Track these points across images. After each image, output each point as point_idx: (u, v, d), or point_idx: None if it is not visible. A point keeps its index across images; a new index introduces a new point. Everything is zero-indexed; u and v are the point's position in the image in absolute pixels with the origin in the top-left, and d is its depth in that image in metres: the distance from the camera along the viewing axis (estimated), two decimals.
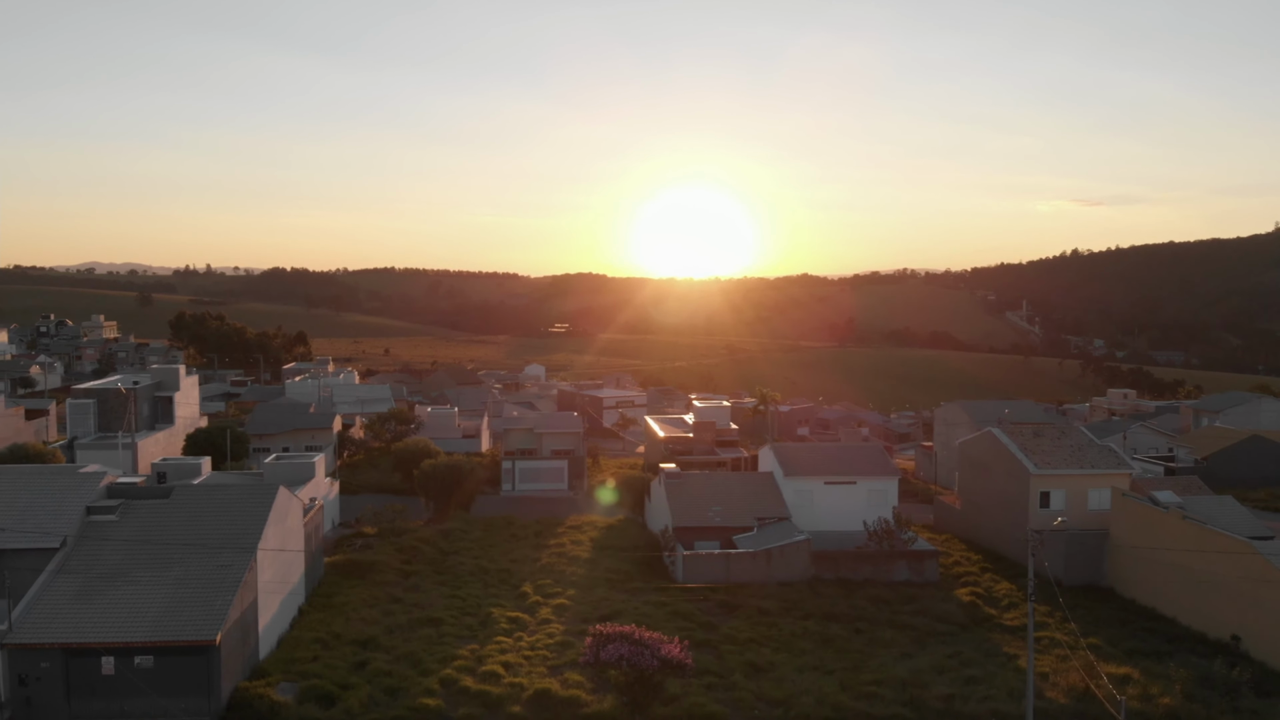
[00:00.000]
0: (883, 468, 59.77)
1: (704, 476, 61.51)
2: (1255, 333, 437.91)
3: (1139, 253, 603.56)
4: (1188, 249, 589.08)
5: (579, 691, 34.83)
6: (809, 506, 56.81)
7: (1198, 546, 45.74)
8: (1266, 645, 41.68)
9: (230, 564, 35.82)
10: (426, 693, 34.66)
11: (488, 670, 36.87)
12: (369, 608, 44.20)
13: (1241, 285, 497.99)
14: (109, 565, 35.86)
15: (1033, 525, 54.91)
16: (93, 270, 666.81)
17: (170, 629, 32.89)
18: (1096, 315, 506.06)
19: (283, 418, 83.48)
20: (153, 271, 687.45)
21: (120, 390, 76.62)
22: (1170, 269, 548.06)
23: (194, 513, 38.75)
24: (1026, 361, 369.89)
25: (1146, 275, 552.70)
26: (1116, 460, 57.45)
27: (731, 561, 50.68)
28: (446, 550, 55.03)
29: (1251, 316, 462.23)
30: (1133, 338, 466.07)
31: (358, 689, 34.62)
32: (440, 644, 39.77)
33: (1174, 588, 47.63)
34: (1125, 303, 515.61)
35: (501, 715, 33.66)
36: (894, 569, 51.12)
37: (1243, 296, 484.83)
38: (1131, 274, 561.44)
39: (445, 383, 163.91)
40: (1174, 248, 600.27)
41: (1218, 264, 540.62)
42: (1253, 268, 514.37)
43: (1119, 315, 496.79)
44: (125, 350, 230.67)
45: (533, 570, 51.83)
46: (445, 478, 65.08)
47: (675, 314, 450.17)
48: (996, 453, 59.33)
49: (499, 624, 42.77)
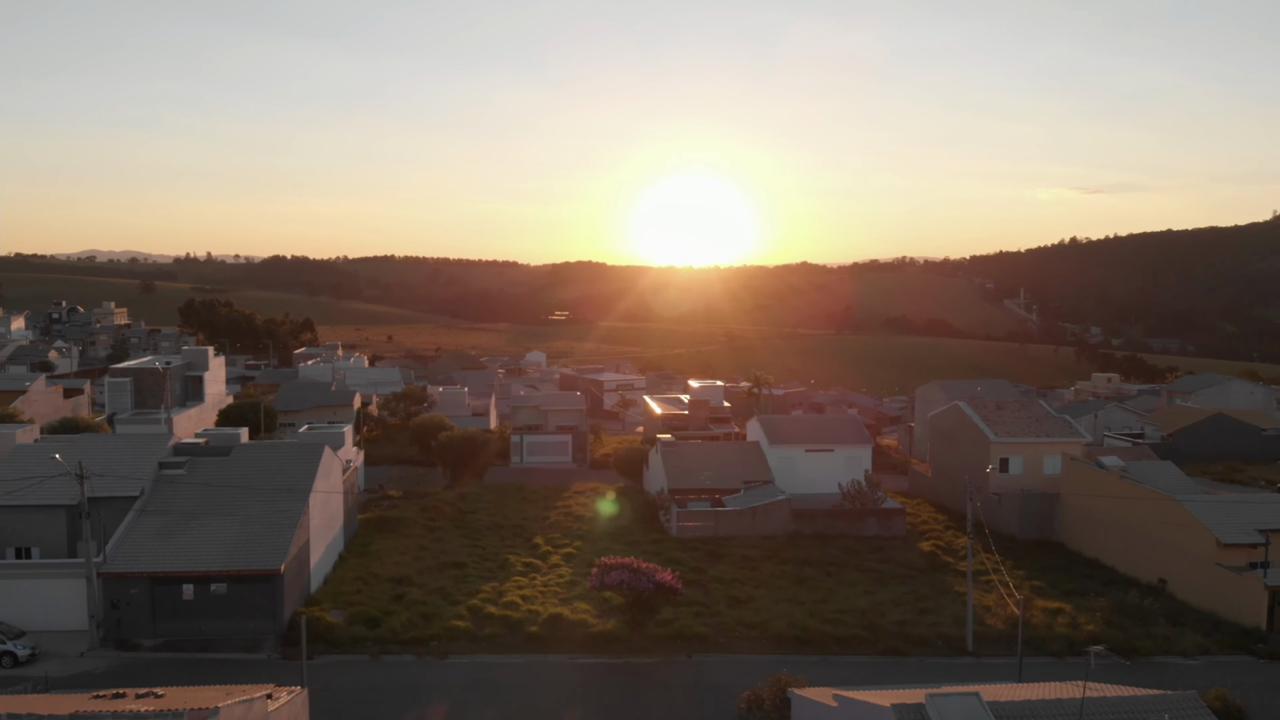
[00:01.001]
0: (858, 437, 65.75)
1: (697, 445, 67.53)
2: (1251, 320, 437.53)
3: (1137, 241, 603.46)
4: (1185, 237, 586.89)
5: (586, 615, 40.94)
6: (791, 471, 62.78)
7: (1129, 503, 51.73)
8: (1187, 586, 47.69)
9: (287, 509, 41.84)
10: (456, 617, 40.76)
11: (508, 601, 42.96)
12: (400, 554, 50.27)
13: (1239, 273, 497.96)
14: (182, 509, 41.87)
15: (992, 489, 61.04)
16: (94, 258, 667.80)
17: (240, 560, 38.89)
18: (1094, 303, 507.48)
19: (306, 395, 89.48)
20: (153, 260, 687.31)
21: (157, 369, 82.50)
22: (1168, 257, 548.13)
23: (252, 467, 44.74)
24: (1022, 348, 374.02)
25: (1144, 263, 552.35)
26: (1070, 430, 63.38)
27: (720, 518, 56.69)
28: (465, 510, 61.08)
29: (1248, 304, 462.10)
30: (1129, 325, 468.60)
31: (398, 614, 40.71)
32: (465, 582, 45.85)
33: (1113, 539, 53.67)
34: (1123, 290, 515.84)
35: (521, 634, 39.75)
36: (865, 524, 57.16)
37: (1240, 284, 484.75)
38: (1129, 262, 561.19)
39: (450, 368, 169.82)
40: (1172, 236, 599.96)
41: (1215, 252, 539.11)
42: (1250, 256, 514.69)
43: (1116, 303, 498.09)
44: (138, 336, 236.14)
45: (543, 526, 57.88)
46: (461, 448, 71.06)
47: (675, 302, 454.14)
48: (962, 424, 65.29)
49: (515, 567, 48.84)
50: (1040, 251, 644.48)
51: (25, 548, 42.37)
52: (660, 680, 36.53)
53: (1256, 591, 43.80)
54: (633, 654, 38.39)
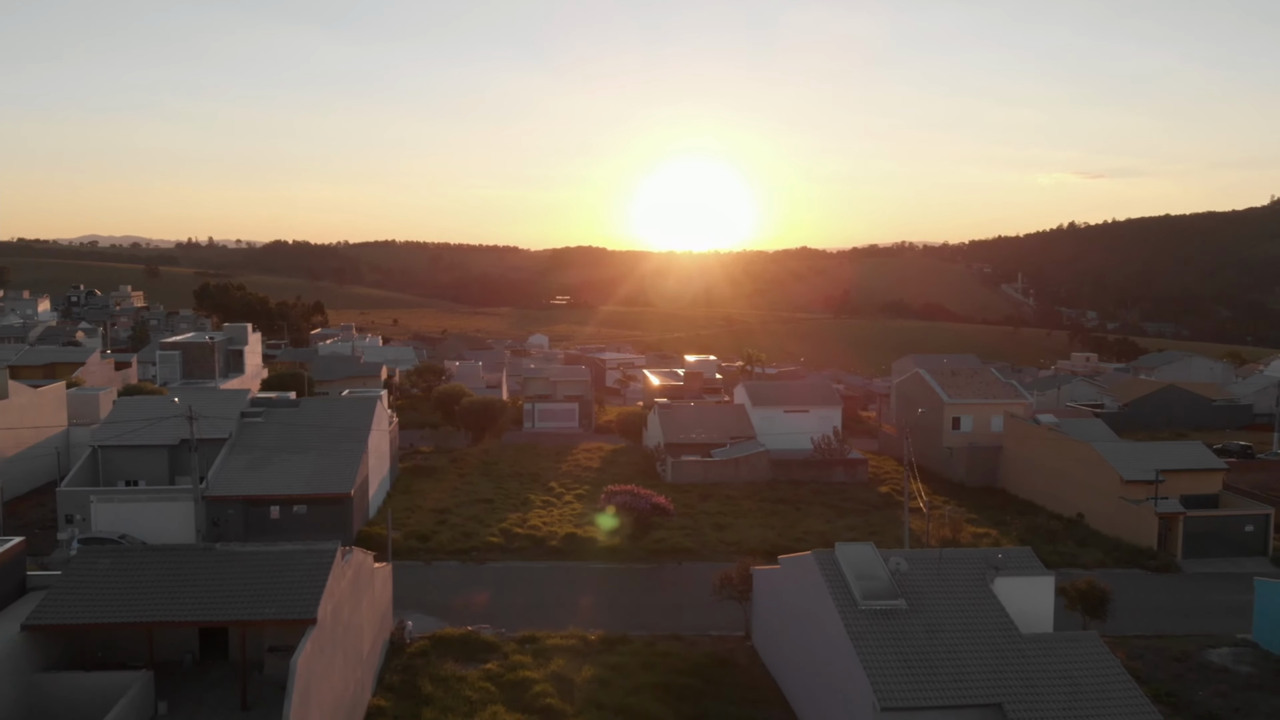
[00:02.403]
0: (829, 399, 74.94)
1: (689, 406, 76.76)
2: (1246, 305, 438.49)
3: (1135, 226, 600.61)
4: (1183, 222, 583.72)
5: (596, 534, 50.21)
6: (772, 428, 71.94)
7: (1056, 450, 60.99)
8: (1098, 516, 56.96)
9: (350, 447, 51.05)
10: (490, 535, 50.09)
11: (531, 525, 52.30)
12: (438, 493, 59.58)
13: (1235, 258, 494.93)
14: (264, 447, 51.07)
15: (946, 443, 70.26)
16: (95, 243, 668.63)
17: (317, 486, 48.09)
18: (1091, 287, 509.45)
19: (338, 367, 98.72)
20: (154, 245, 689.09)
21: (207, 342, 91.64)
22: (1166, 242, 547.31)
23: (317, 416, 53.94)
24: (1016, 332, 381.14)
25: (1142, 248, 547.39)
26: (1016, 394, 72.56)
27: (708, 466, 65.92)
28: (489, 462, 70.39)
29: (1244, 289, 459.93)
30: (1126, 310, 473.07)
31: (442, 533, 50.03)
32: (494, 512, 55.16)
33: (1043, 482, 62.93)
34: (1120, 275, 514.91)
35: (544, 547, 49.05)
36: (833, 472, 66.40)
37: (1236, 269, 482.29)
38: (1127, 247, 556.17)
39: (458, 348, 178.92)
40: (1169, 220, 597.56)
41: (1213, 237, 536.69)
42: (1247, 241, 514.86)
43: (1114, 288, 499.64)
44: (157, 318, 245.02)
45: (556, 474, 67.19)
46: (482, 412, 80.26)
47: (675, 287, 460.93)
48: (922, 389, 74.43)
49: (535, 503, 58.15)
50: (1038, 236, 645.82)
51: (133, 479, 51.65)
52: (655, 578, 45.81)
53: (1150, 518, 53.06)
54: (633, 561, 47.66)
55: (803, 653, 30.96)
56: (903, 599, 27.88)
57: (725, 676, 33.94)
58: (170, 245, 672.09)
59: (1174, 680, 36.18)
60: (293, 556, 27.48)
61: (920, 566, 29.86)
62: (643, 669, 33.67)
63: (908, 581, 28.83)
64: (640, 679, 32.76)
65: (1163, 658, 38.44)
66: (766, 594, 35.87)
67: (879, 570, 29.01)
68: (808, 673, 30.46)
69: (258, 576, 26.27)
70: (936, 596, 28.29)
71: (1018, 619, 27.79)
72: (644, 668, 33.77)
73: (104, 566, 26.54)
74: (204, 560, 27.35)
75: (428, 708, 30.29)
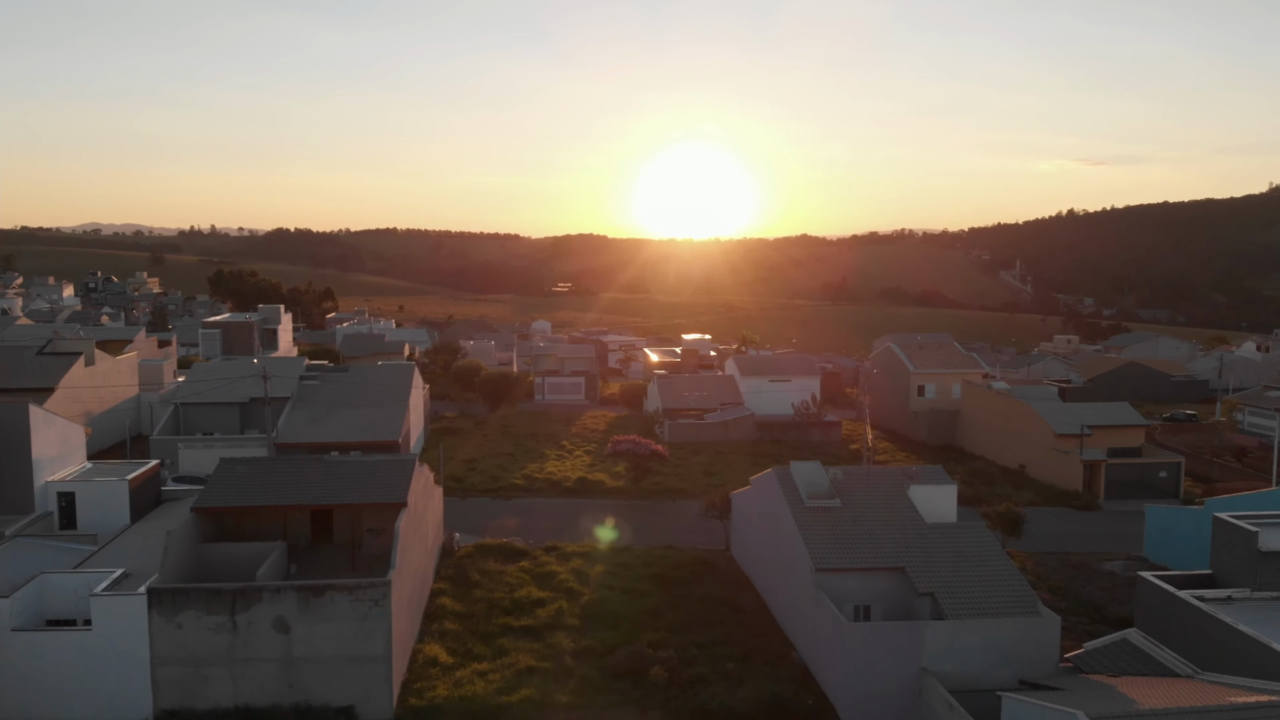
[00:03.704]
0: (809, 370, 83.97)
1: (685, 377, 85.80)
2: (1243, 291, 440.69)
3: (1134, 212, 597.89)
4: (1181, 209, 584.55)
5: (603, 477, 59.30)
6: (758, 397, 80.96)
7: (1003, 410, 69.98)
8: (1037, 466, 66.04)
9: (395, 405, 60.07)
10: (513, 479, 59.27)
11: (548, 471, 61.52)
12: (465, 448, 68.67)
13: (1232, 245, 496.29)
14: (322, 404, 60.10)
15: (912, 408, 79.21)
16: (98, 231, 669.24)
17: (371, 434, 57.07)
18: (1089, 274, 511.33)
19: (365, 344, 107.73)
20: (156, 232, 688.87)
21: (247, 321, 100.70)
22: (1164, 229, 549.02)
23: (365, 380, 62.96)
24: (1011, 318, 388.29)
25: (1141, 235, 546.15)
26: (974, 364, 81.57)
27: (701, 428, 74.95)
28: (506, 426, 79.51)
29: (1240, 276, 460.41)
30: (1122, 296, 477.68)
31: (473, 476, 59.19)
32: (515, 462, 64.32)
33: (993, 439, 71.94)
34: (1118, 262, 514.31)
35: (560, 488, 58.24)
36: (811, 433, 75.41)
37: (1233, 256, 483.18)
38: (1126, 234, 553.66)
39: (466, 332, 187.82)
40: (1168, 207, 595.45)
41: (1211, 224, 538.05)
42: (1244, 227, 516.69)
43: (1111, 274, 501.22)
44: (175, 303, 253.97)
45: (567, 435, 76.29)
46: (500, 383, 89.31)
47: (675, 274, 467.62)
48: (892, 361, 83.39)
49: (550, 456, 67.25)
50: (1038, 223, 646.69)
51: (209, 431, 60.70)
52: (652, 511, 54.88)
53: (1077, 465, 62.11)
54: (634, 499, 56.72)
55: (766, 546, 40.03)
56: (838, 499, 36.89)
57: (708, 572, 43.05)
58: (172, 233, 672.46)
59: (1068, 580, 45.28)
60: (383, 461, 36.57)
61: (855, 478, 38.87)
62: (643, 566, 42.78)
63: (844, 488, 37.84)
64: (641, 573, 41.87)
65: (1063, 565, 47.56)
66: (741, 511, 44.94)
67: (822, 480, 38.02)
68: (770, 560, 39.54)
69: (359, 475, 35.34)
70: (864, 498, 37.30)
71: (926, 515, 36.77)
72: (643, 565, 42.89)
73: (242, 470, 35.61)
74: (317, 465, 36.43)
75: (477, 589, 39.41)
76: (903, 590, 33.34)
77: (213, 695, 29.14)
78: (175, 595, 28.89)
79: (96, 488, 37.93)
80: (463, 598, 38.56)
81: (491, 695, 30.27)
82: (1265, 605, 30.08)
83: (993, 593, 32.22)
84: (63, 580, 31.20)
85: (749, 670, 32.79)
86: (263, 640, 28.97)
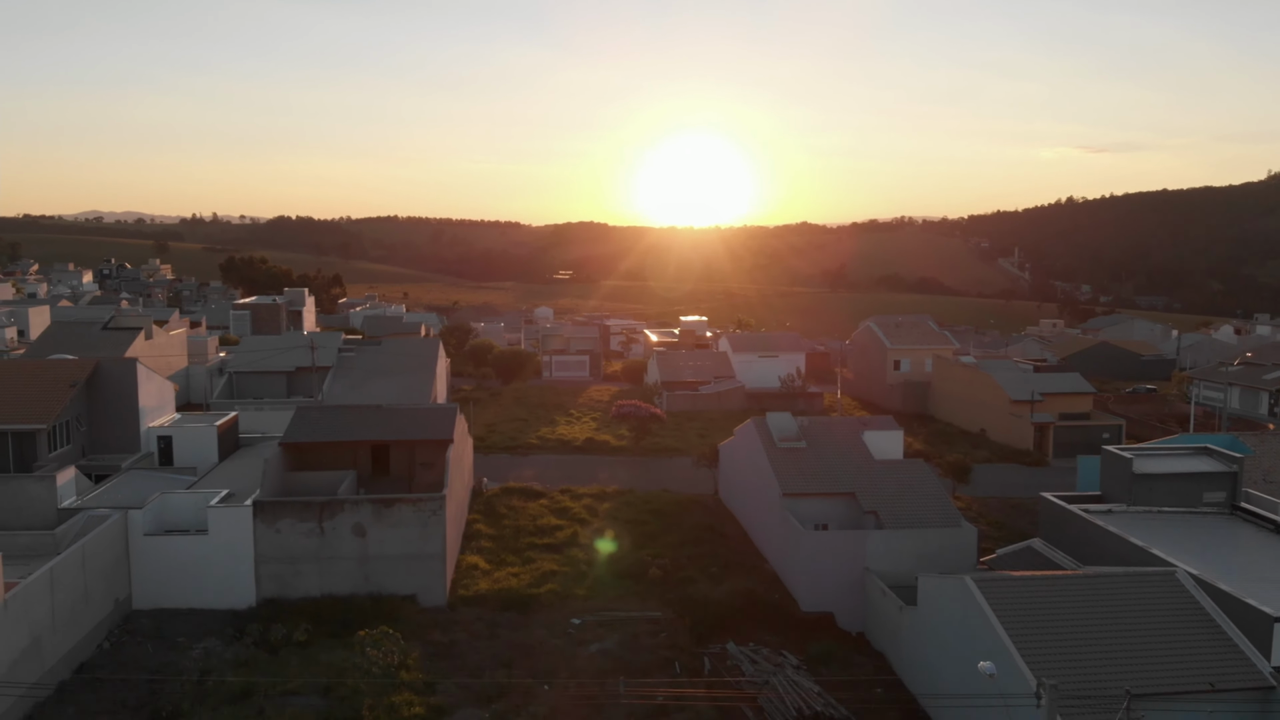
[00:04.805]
0: (796, 346, 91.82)
1: (682, 353, 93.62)
2: (1239, 278, 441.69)
3: (1133, 200, 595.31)
4: (1180, 196, 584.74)
5: (609, 437, 67.22)
6: (749, 370, 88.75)
7: (967, 380, 77.84)
8: (995, 429, 73.93)
9: (424, 374, 67.94)
10: (528, 438, 67.15)
11: (559, 433, 69.39)
12: (484, 415, 76.54)
13: (1230, 233, 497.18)
14: (360, 373, 67.96)
15: (888, 381, 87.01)
16: (99, 219, 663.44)
17: (404, 399, 64.84)
18: (1088, 261, 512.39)
19: (385, 325, 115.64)
20: (158, 220, 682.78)
21: (275, 303, 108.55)
22: (1163, 216, 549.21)
23: (396, 353, 70.83)
24: (1008, 304, 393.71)
25: (1140, 222, 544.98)
26: (946, 341, 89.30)
27: (696, 398, 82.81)
28: (519, 397, 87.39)
29: (1237, 263, 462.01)
30: (1119, 284, 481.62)
31: (492, 437, 67.05)
32: (530, 426, 72.22)
33: (958, 407, 79.79)
34: (1116, 249, 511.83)
35: (570, 446, 66.13)
36: (795, 403, 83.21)
37: (1231, 244, 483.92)
38: (1125, 221, 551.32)
39: (471, 317, 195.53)
40: (1167, 195, 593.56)
41: (1209, 211, 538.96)
42: (1242, 215, 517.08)
43: (1109, 261, 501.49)
44: (189, 290, 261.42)
45: (575, 404, 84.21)
46: (512, 359, 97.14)
47: (676, 262, 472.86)
48: (872, 339, 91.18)
49: (559, 422, 75.14)
50: (1037, 211, 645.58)
51: (259, 397, 68.57)
52: (651, 465, 62.79)
53: (1028, 427, 69.95)
54: (635, 456, 64.61)
55: (746, 482, 47.95)
56: (804, 442, 44.75)
57: (698, 509, 50.98)
58: (174, 220, 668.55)
59: (1005, 517, 53.18)
60: (431, 408, 44.58)
61: (820, 426, 46.74)
62: (643, 504, 50.70)
63: (810, 433, 45.71)
64: (641, 509, 49.79)
65: (1004, 505, 55.47)
66: (727, 458, 52.82)
67: (791, 426, 45.89)
68: (749, 493, 47.44)
69: (411, 418, 43.24)
70: (826, 440, 45.17)
71: (876, 454, 44.62)
72: (643, 503, 50.81)
73: (315, 415, 43.47)
74: (376, 410, 44.32)
75: (505, 519, 47.37)
76: (853, 511, 41.22)
77: (303, 586, 37.01)
78: (275, 506, 36.75)
79: (190, 432, 45.85)
80: (494, 525, 46.50)
81: (523, 588, 38.24)
82: (1138, 516, 38.02)
83: (924, 511, 40.10)
84: (178, 499, 39.06)
85: (728, 574, 40.73)
86: (344, 542, 36.85)
